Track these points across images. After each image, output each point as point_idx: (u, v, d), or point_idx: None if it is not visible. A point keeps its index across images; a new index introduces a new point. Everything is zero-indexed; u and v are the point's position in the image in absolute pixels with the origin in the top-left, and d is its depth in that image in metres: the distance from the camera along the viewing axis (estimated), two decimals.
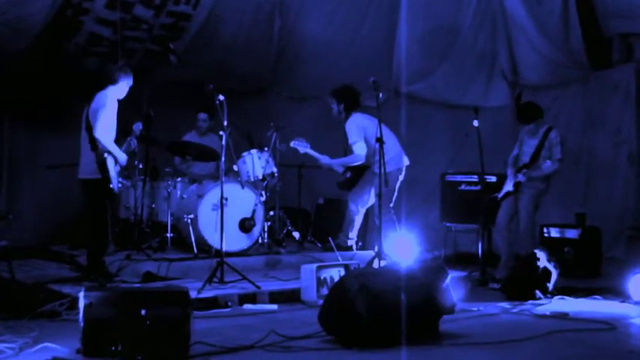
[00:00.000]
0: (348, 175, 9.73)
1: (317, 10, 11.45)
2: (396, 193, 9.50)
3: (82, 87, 8.11)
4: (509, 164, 9.29)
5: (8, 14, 9.28)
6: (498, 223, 9.24)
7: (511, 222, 9.14)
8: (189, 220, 9.10)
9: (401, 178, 9.53)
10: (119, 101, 8.04)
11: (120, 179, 8.13)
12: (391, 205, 9.39)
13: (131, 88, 8.16)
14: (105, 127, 7.76)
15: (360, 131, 9.39)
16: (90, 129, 7.79)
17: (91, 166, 7.80)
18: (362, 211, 9.74)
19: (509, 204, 9.13)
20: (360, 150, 9.37)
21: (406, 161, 9.58)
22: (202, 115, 10.66)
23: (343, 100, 9.66)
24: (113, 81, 8.02)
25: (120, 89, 8.07)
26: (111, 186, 7.81)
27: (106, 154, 7.72)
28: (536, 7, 10.65)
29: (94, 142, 7.75)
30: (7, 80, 10.07)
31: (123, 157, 8.00)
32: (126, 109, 8.26)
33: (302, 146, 9.68)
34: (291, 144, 9.71)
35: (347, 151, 9.74)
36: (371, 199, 9.56)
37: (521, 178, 8.97)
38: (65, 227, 10.59)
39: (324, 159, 9.70)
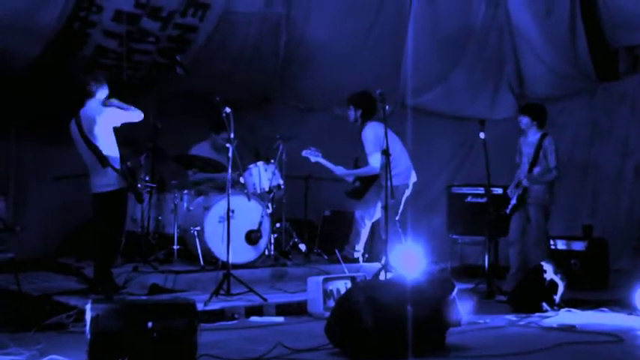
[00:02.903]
0: (357, 184, 9.74)
1: (324, 21, 11.48)
2: (401, 207, 9.49)
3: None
4: (513, 181, 9.28)
5: (15, 27, 9.32)
6: (511, 236, 9.21)
7: (524, 235, 9.12)
8: (195, 232, 9.09)
9: (407, 193, 9.52)
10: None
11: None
12: (397, 218, 9.38)
13: (138, 100, 8.16)
14: (109, 132, 7.84)
15: (377, 142, 9.36)
16: (92, 146, 7.78)
17: (104, 180, 7.82)
18: (368, 224, 9.74)
19: (520, 217, 9.10)
20: (375, 162, 9.36)
21: (414, 177, 9.58)
22: (226, 134, 10.54)
23: (361, 107, 9.62)
24: (91, 95, 7.95)
25: (100, 99, 8.00)
26: (139, 189, 7.87)
27: (129, 163, 7.77)
28: (544, 18, 10.65)
29: (102, 159, 7.74)
30: (15, 92, 10.10)
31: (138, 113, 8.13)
32: None
33: (313, 155, 9.69)
34: (303, 153, 9.71)
35: (359, 160, 9.72)
36: (377, 212, 9.56)
37: (525, 183, 8.95)
38: (72, 239, 10.61)
39: (337, 170, 9.70)
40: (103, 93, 7.98)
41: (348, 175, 9.76)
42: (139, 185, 7.93)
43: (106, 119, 7.82)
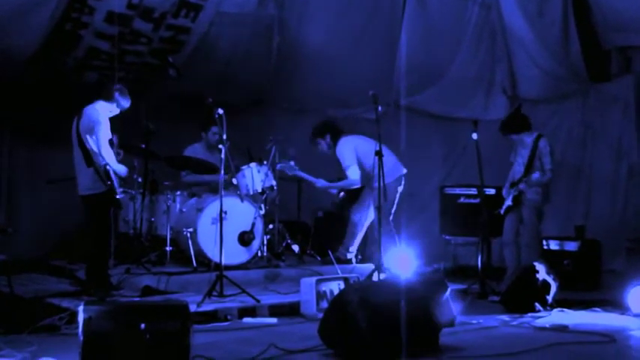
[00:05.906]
0: (342, 194, 9.75)
1: (317, 21, 11.47)
2: (395, 207, 9.49)
3: (81, 101, 8.10)
4: (508, 179, 9.26)
5: (8, 27, 9.30)
6: (505, 238, 9.19)
7: (518, 235, 9.11)
8: (188, 234, 9.08)
9: (400, 189, 9.51)
10: (118, 115, 8.05)
11: (122, 189, 8.12)
12: (390, 218, 9.38)
13: (130, 101, 8.13)
14: (106, 144, 7.75)
15: (352, 153, 9.41)
16: (83, 145, 7.78)
17: (90, 182, 7.81)
18: (365, 225, 9.74)
19: (514, 218, 9.08)
20: (354, 174, 9.39)
21: (403, 170, 9.56)
22: (215, 128, 10.33)
23: (326, 133, 9.69)
24: (108, 98, 7.98)
25: (111, 108, 8.01)
26: (117, 196, 7.81)
27: (108, 166, 7.72)
28: (537, 20, 10.67)
29: (89, 158, 7.74)
30: (7, 95, 10.08)
31: (122, 169, 8.01)
32: (125, 123, 8.27)
33: (289, 169, 9.67)
34: (278, 167, 9.68)
35: (341, 175, 9.72)
36: (372, 214, 9.56)
37: (522, 187, 8.93)
38: (64, 241, 10.59)
39: (318, 182, 9.72)
40: (115, 105, 8.01)
41: (329, 187, 9.78)
42: (119, 193, 7.87)
43: (102, 127, 7.80)
